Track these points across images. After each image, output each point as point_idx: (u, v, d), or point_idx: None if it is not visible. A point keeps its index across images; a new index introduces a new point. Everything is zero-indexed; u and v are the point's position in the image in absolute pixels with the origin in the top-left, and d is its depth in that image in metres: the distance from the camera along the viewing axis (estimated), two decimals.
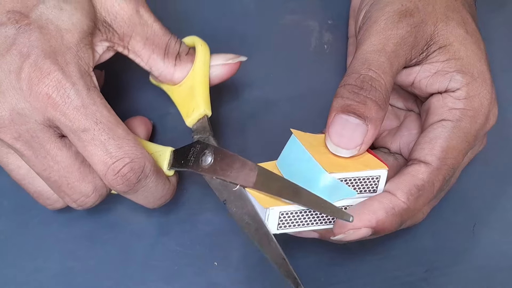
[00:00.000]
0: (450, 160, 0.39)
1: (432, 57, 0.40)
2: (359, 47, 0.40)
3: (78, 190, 0.39)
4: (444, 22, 0.40)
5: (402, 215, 0.38)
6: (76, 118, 0.36)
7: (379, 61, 0.39)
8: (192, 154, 0.41)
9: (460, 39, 0.40)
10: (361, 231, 0.38)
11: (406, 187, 0.38)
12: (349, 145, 0.38)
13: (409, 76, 0.41)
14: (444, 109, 0.40)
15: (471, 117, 0.39)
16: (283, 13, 0.52)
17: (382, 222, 0.38)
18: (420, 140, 0.40)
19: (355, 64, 0.39)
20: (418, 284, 0.47)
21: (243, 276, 0.46)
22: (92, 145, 0.37)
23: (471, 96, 0.39)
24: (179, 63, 0.42)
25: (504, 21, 0.54)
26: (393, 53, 0.39)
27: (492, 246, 0.48)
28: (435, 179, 0.39)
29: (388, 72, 0.39)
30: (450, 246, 0.48)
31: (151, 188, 0.40)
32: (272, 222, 0.38)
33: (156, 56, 0.41)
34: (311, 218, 0.38)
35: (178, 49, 0.42)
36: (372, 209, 0.38)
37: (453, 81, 0.40)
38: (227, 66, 0.43)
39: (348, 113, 0.38)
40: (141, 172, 0.38)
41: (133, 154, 0.38)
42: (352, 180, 0.38)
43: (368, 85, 0.38)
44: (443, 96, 0.40)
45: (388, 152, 0.45)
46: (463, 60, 0.40)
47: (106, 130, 0.37)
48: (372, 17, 0.41)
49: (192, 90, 0.42)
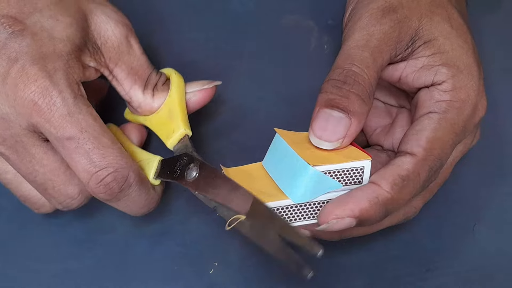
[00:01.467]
0: (436, 150, 0.39)
1: (417, 52, 0.41)
2: (344, 44, 0.41)
3: (64, 193, 0.39)
4: (428, 18, 0.41)
5: (386, 204, 0.38)
6: (61, 126, 0.36)
7: (362, 56, 0.39)
8: (178, 166, 0.41)
9: (444, 33, 0.41)
10: (345, 221, 0.38)
11: (390, 177, 0.38)
12: (332, 138, 0.38)
13: (395, 72, 0.42)
14: (431, 102, 0.40)
15: (458, 108, 0.40)
16: (282, 13, 0.52)
17: (365, 211, 0.38)
18: (407, 133, 0.40)
19: (339, 60, 0.40)
20: (418, 284, 0.47)
21: (243, 276, 0.46)
22: (76, 153, 0.37)
23: (457, 88, 0.40)
24: (156, 93, 0.43)
25: (500, 20, 0.54)
26: (376, 48, 0.39)
27: (492, 246, 0.48)
28: (420, 169, 0.39)
29: (372, 67, 0.39)
30: (450, 246, 0.48)
31: (134, 198, 0.40)
32: None
33: (138, 87, 0.42)
34: (299, 213, 0.39)
35: (156, 81, 0.43)
36: (355, 198, 0.38)
37: (439, 74, 0.40)
38: (203, 91, 0.44)
39: (331, 107, 0.38)
40: (124, 182, 0.38)
41: (117, 164, 0.38)
42: (336, 172, 0.38)
43: (351, 80, 0.39)
44: (430, 89, 0.40)
45: (381, 149, 0.45)
46: (448, 54, 0.40)
47: (91, 139, 0.37)
48: (357, 14, 0.41)
49: (170, 114, 0.43)
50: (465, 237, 0.48)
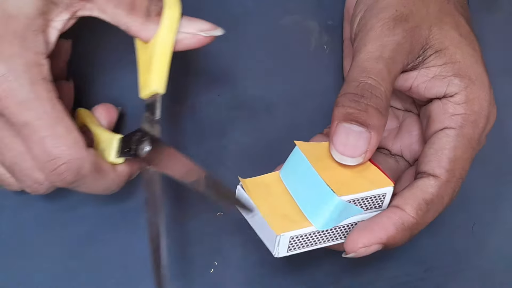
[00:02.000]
0: (458, 171, 0.39)
1: (429, 61, 0.40)
2: (356, 55, 0.40)
3: (31, 177, 0.39)
4: (438, 26, 0.40)
5: (412, 229, 0.38)
6: (17, 112, 0.36)
7: (377, 68, 0.39)
8: (134, 142, 0.40)
9: (455, 42, 0.40)
10: (372, 248, 0.38)
11: (415, 201, 0.38)
12: (355, 154, 0.38)
13: (406, 81, 0.41)
14: (445, 116, 0.40)
15: (473, 122, 0.39)
16: (282, 14, 0.52)
17: (392, 238, 0.38)
18: (426, 152, 0.40)
19: (354, 73, 0.39)
20: (418, 284, 0.47)
21: (243, 276, 0.46)
22: (30, 140, 0.36)
23: (471, 100, 0.40)
24: (147, 21, 0.39)
25: (499, 21, 0.54)
26: (390, 60, 0.39)
27: (492, 246, 0.48)
28: (444, 193, 0.39)
29: (387, 79, 0.39)
30: (450, 246, 0.48)
31: (91, 184, 0.39)
32: (283, 247, 0.37)
33: (121, 11, 0.38)
34: (321, 237, 0.39)
35: (145, 5, 0.39)
36: (382, 225, 0.38)
37: (451, 86, 0.40)
38: (197, 38, 0.40)
39: (350, 121, 0.38)
40: (78, 172, 0.38)
41: (69, 155, 0.37)
42: (360, 200, 0.38)
43: (368, 93, 0.38)
44: (442, 102, 0.40)
45: (388, 154, 0.45)
46: (460, 64, 0.40)
47: (46, 127, 0.36)
48: (368, 24, 0.41)
49: (150, 59, 0.40)
50: (464, 237, 0.48)
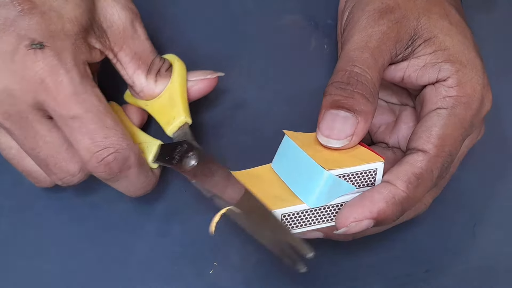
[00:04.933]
0: (447, 147, 0.39)
1: (418, 51, 0.41)
2: (343, 47, 0.41)
3: (65, 169, 0.40)
4: (426, 16, 0.41)
5: (403, 203, 0.38)
6: (66, 105, 0.37)
7: (362, 57, 0.39)
8: (177, 153, 0.41)
9: (444, 30, 0.41)
10: (363, 223, 0.38)
11: (405, 176, 0.38)
12: (340, 136, 0.39)
13: (398, 72, 0.42)
14: (437, 98, 0.40)
15: (465, 103, 0.40)
16: (282, 13, 0.52)
17: (383, 212, 0.38)
18: (416, 130, 0.40)
19: (340, 63, 0.40)
20: (418, 284, 0.47)
21: (243, 276, 0.46)
22: (79, 132, 0.37)
23: (463, 83, 0.40)
24: (159, 78, 0.43)
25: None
26: (376, 49, 0.40)
27: (492, 246, 0.48)
28: (433, 166, 0.39)
29: (373, 67, 0.39)
30: (450, 246, 0.48)
31: (133, 179, 0.40)
32: None
33: (141, 72, 0.42)
34: (314, 217, 0.39)
35: (160, 66, 0.43)
36: (372, 200, 0.38)
37: (443, 71, 0.40)
38: (205, 81, 0.44)
39: (337, 108, 0.38)
40: (124, 163, 0.39)
41: (118, 144, 0.38)
42: (350, 175, 0.38)
43: (354, 80, 0.39)
44: (435, 86, 0.41)
45: (386, 147, 0.45)
46: (449, 50, 0.40)
47: (95, 119, 0.38)
48: (354, 17, 0.42)
49: (171, 100, 0.43)
50: (465, 237, 0.48)
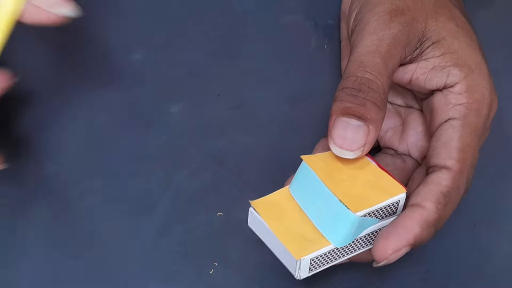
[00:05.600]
0: (468, 159, 0.39)
1: (427, 53, 0.40)
2: (354, 50, 0.40)
3: None
4: (434, 18, 0.41)
5: (436, 225, 0.38)
6: None
7: (374, 62, 0.39)
8: None
9: (452, 32, 0.40)
10: (402, 251, 0.38)
11: (433, 196, 0.38)
12: (353, 147, 0.38)
13: (406, 75, 0.41)
14: (448, 107, 0.40)
15: (476, 110, 0.40)
16: (283, 13, 0.52)
17: (419, 237, 0.38)
18: (434, 145, 0.40)
19: (351, 67, 0.39)
20: (419, 284, 0.47)
21: (243, 276, 0.46)
22: None
23: (472, 89, 0.40)
24: None
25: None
26: (387, 54, 0.39)
27: (492, 246, 0.48)
28: (459, 183, 0.39)
29: (384, 72, 0.39)
30: (451, 247, 0.48)
31: None
32: (304, 269, 0.37)
33: None
34: (340, 253, 0.38)
35: None
36: (407, 227, 0.37)
37: (451, 76, 0.40)
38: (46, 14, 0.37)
39: (348, 115, 0.38)
40: None
41: None
42: (375, 211, 0.38)
43: (366, 87, 0.38)
44: (444, 93, 0.40)
45: (395, 154, 0.45)
46: (458, 53, 0.40)
47: None
48: (364, 19, 0.41)
49: None
50: (465, 237, 0.48)
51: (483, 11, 0.53)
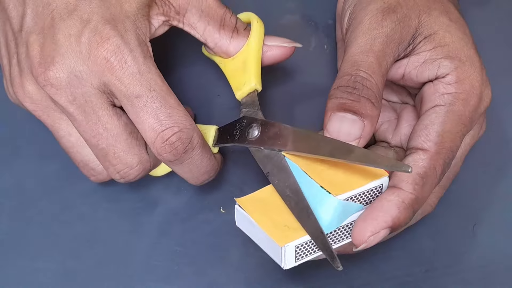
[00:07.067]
0: (447, 143, 0.39)
1: (419, 47, 0.41)
2: (347, 50, 0.41)
3: (123, 161, 0.40)
4: (426, 13, 0.41)
5: (413, 205, 0.38)
6: (131, 84, 0.38)
7: (367, 61, 0.39)
8: (238, 129, 0.42)
9: (444, 26, 0.41)
10: (380, 234, 0.38)
11: (410, 177, 0.38)
12: (348, 139, 0.38)
13: (398, 70, 0.42)
14: (436, 95, 0.40)
15: (464, 100, 0.40)
16: (283, 13, 0.52)
17: (397, 219, 0.38)
18: (415, 128, 0.40)
19: (345, 67, 0.40)
20: (418, 284, 0.47)
21: (243, 276, 0.46)
22: (144, 112, 0.38)
23: (461, 80, 0.40)
24: (236, 36, 0.43)
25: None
26: (380, 52, 0.40)
27: (492, 246, 0.48)
28: (435, 164, 0.39)
29: (378, 71, 0.39)
30: (450, 246, 0.48)
31: (197, 161, 0.40)
32: (290, 258, 0.37)
33: (212, 28, 0.42)
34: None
35: (234, 22, 0.43)
36: (383, 209, 0.38)
37: (442, 67, 0.40)
38: (282, 48, 0.44)
39: (343, 111, 0.38)
40: (189, 142, 0.39)
41: (182, 124, 0.38)
42: (358, 196, 0.38)
43: (360, 85, 0.39)
44: (434, 83, 0.41)
45: (388, 146, 0.45)
46: (449, 46, 0.40)
47: (159, 98, 0.38)
48: (357, 18, 0.41)
49: (244, 64, 0.43)
50: (465, 237, 0.48)
51: (479, 10, 0.53)
